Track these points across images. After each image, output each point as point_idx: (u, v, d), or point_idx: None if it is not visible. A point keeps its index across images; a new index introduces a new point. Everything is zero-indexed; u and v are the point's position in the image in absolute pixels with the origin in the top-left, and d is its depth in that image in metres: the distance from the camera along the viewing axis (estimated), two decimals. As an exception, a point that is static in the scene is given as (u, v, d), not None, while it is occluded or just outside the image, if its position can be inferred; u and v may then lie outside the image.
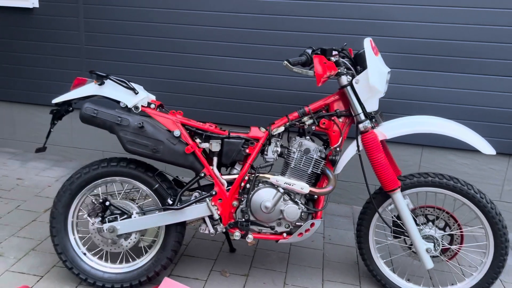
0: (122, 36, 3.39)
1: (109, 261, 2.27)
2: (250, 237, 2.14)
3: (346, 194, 3.34)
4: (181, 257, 2.53)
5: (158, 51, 3.35)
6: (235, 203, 2.12)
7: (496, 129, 2.96)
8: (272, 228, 2.16)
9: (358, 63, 2.10)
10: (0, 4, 3.48)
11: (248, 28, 3.16)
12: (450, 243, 2.20)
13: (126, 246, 2.17)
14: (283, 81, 3.19)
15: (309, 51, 1.98)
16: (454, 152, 3.09)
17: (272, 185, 2.11)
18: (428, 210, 2.22)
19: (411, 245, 2.23)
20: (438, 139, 3.05)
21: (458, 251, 2.20)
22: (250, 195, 2.10)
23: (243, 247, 2.68)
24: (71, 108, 2.18)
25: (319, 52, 2.04)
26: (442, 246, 2.18)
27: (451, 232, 2.18)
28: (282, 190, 2.09)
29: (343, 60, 2.08)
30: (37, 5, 3.46)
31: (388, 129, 2.11)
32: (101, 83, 2.06)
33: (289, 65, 1.89)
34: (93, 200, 2.12)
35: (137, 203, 2.20)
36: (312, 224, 2.13)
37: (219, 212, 2.12)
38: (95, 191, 2.20)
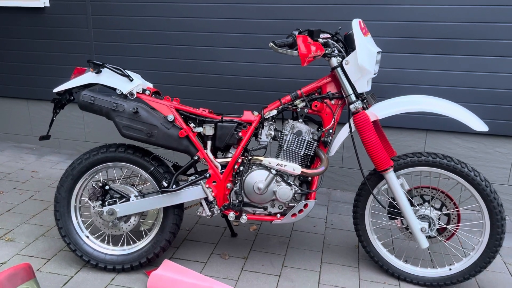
0: (129, 32, 3.49)
1: (111, 243, 2.36)
2: (244, 218, 2.19)
3: (351, 181, 3.34)
4: (183, 241, 2.59)
5: (162, 44, 3.43)
6: (229, 185, 2.17)
7: (499, 111, 2.91)
8: (266, 209, 2.20)
9: (348, 45, 2.12)
10: (13, 4, 3.63)
11: (243, 18, 3.20)
12: (447, 223, 2.19)
13: (126, 228, 2.25)
14: (277, 69, 3.22)
15: (296, 32, 2.01)
16: (459, 136, 3.05)
17: (265, 167, 2.14)
18: (424, 191, 2.21)
19: (408, 226, 2.23)
20: (443, 123, 3.02)
21: (455, 231, 2.19)
22: (244, 177, 2.15)
23: (245, 232, 2.72)
24: (72, 97, 2.27)
25: (305, 33, 2.06)
26: (438, 226, 2.17)
27: (447, 212, 2.17)
28: (274, 172, 2.13)
29: (333, 42, 2.10)
30: (48, 4, 3.59)
31: (380, 109, 2.11)
32: (98, 72, 2.15)
33: (275, 46, 1.92)
34: (94, 185, 2.21)
35: (136, 188, 2.27)
36: (305, 205, 2.16)
37: (213, 194, 2.17)
38: (96, 176, 2.28)
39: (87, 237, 2.30)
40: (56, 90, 2.20)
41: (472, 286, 2.26)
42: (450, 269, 2.20)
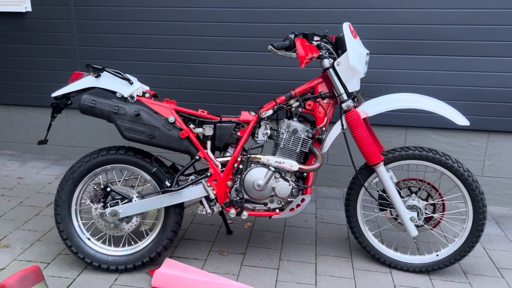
0: (113, 36, 3.51)
1: (112, 245, 2.39)
2: (245, 214, 2.28)
3: (336, 177, 3.48)
4: (180, 240, 2.65)
5: (149, 48, 3.48)
6: (229, 183, 2.26)
7: (474, 107, 3.12)
8: (265, 204, 2.29)
9: (339, 47, 2.24)
10: (-6, 9, 3.59)
11: (235, 22, 3.30)
12: (433, 212, 2.35)
13: (128, 229, 2.29)
14: (270, 71, 3.32)
15: (292, 36, 2.11)
16: (436, 131, 3.24)
17: (264, 165, 2.24)
18: (411, 183, 2.36)
19: (397, 216, 2.38)
20: (421, 119, 3.20)
21: (441, 219, 2.35)
22: (243, 175, 2.23)
23: (240, 229, 2.81)
24: (69, 102, 2.30)
25: (301, 36, 2.17)
26: (426, 215, 2.33)
27: (433, 202, 2.33)
28: (273, 169, 2.22)
29: (324, 44, 2.22)
30: (29, 9, 3.57)
31: (369, 107, 2.25)
32: (98, 76, 2.19)
33: (274, 49, 2.02)
34: (95, 187, 2.24)
35: (136, 189, 2.32)
36: (302, 200, 2.27)
37: (214, 192, 2.25)
38: (95, 179, 2.32)
39: (89, 239, 2.32)
40: (54, 94, 2.23)
41: (457, 270, 2.43)
42: (437, 255, 2.36)
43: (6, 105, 3.91)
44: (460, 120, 2.18)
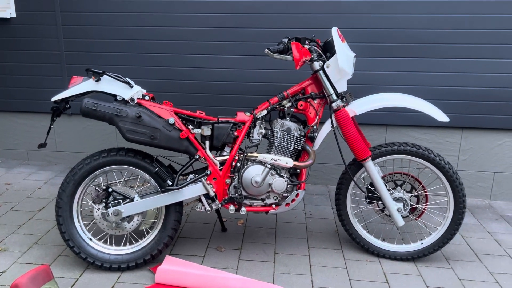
0: (100, 41, 3.56)
1: (113, 244, 2.45)
2: (243, 210, 2.38)
3: (321, 175, 3.64)
4: (177, 239, 2.73)
5: (135, 53, 3.54)
6: (228, 180, 2.36)
7: (449, 105, 3.33)
8: (263, 200, 2.41)
9: (328, 50, 2.39)
10: (-22, 15, 3.57)
11: (228, 27, 3.41)
12: (417, 203, 2.52)
13: (130, 228, 2.36)
14: (262, 74, 3.45)
15: (286, 40, 2.25)
16: (414, 129, 3.44)
17: (260, 162, 2.36)
18: (396, 176, 2.53)
19: (384, 208, 2.54)
20: (400, 117, 3.40)
21: (424, 209, 2.52)
22: (241, 173, 2.34)
23: (234, 226, 2.91)
24: (68, 105, 2.35)
25: (294, 40, 2.31)
26: (411, 206, 2.50)
27: (417, 193, 2.50)
28: (269, 166, 2.34)
29: (315, 47, 2.37)
30: (14, 14, 3.57)
31: (357, 106, 2.41)
32: (98, 80, 2.25)
33: (270, 53, 2.15)
34: (97, 188, 2.30)
35: (136, 189, 2.39)
36: (297, 195, 2.40)
37: (214, 190, 2.35)
38: (96, 180, 2.37)
39: (90, 239, 2.38)
40: (54, 98, 2.28)
41: (440, 257, 2.61)
42: (422, 243, 2.53)
43: (-11, 111, 3.88)
44: (441, 116, 2.36)
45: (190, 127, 2.33)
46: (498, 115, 3.30)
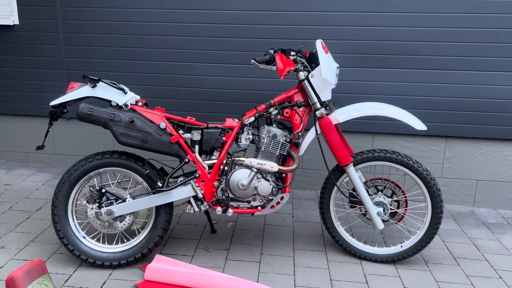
0: (98, 48, 3.70)
1: (106, 243, 2.57)
2: (230, 211, 2.50)
3: (310, 180, 3.76)
4: (168, 239, 2.85)
5: (131, 60, 3.68)
6: (215, 183, 2.48)
7: (433, 114, 3.46)
8: (249, 202, 2.53)
9: (313, 61, 2.52)
10: (-18, 22, 3.72)
11: (219, 37, 3.55)
12: (397, 207, 2.64)
13: (122, 227, 2.48)
14: (250, 82, 3.59)
15: (271, 51, 2.38)
16: (400, 137, 3.57)
17: (247, 166, 2.48)
18: (377, 182, 2.65)
19: (366, 212, 2.65)
20: (387, 126, 3.52)
21: (404, 214, 2.64)
22: (229, 176, 2.46)
23: (223, 228, 3.03)
24: (66, 110, 2.48)
25: (279, 52, 2.44)
26: (391, 210, 2.61)
27: (397, 198, 2.62)
28: (255, 170, 2.47)
29: (300, 58, 2.50)
30: (17, 22, 3.71)
31: (340, 114, 2.53)
32: (94, 86, 2.38)
33: (256, 63, 2.28)
34: (91, 189, 2.42)
35: (128, 190, 2.51)
36: (282, 198, 2.51)
37: (202, 192, 2.47)
38: (90, 182, 2.50)
39: (84, 237, 2.50)
40: (52, 103, 2.41)
41: (419, 259, 2.72)
42: (401, 246, 2.64)
43: (-9, 115, 4.01)
44: (419, 125, 2.49)
45: (181, 132, 2.45)
46: (481, 125, 3.43)
